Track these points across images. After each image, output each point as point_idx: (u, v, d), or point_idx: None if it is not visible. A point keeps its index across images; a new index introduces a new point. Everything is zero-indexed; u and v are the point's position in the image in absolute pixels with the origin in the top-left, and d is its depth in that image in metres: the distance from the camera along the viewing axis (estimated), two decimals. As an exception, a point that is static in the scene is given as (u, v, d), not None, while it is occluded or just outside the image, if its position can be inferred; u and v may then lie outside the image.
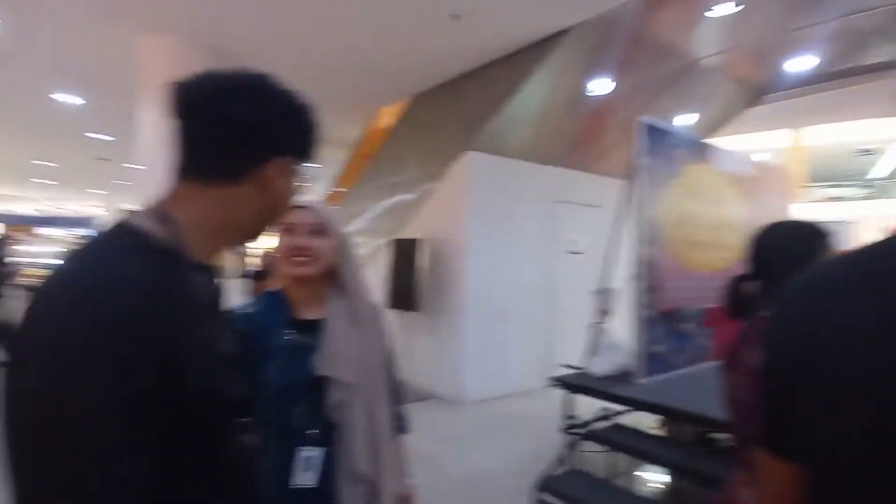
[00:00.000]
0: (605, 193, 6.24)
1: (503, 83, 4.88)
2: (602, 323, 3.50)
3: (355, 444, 1.10)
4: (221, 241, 0.75)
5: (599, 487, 2.81)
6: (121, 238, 0.65)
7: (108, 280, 0.58)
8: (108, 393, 0.54)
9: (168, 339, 0.59)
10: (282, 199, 0.78)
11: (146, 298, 0.58)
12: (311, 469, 1.08)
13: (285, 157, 0.75)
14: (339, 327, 1.17)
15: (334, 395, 1.11)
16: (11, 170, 12.39)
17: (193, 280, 0.67)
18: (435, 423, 4.58)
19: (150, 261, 0.62)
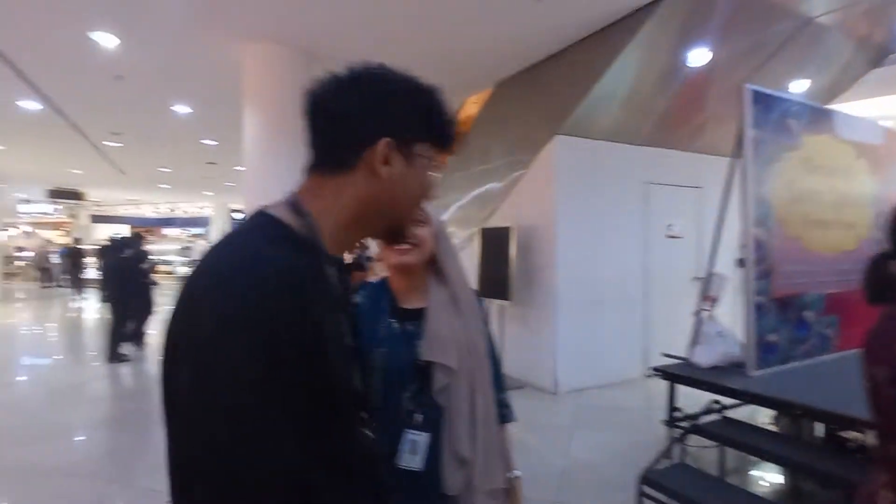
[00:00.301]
0: (704, 173, 5.85)
1: (591, 63, 4.69)
2: (707, 311, 3.28)
3: (458, 428, 1.12)
4: (349, 233, 0.75)
5: (710, 484, 2.65)
6: (262, 227, 0.68)
7: (253, 261, 0.60)
8: (260, 369, 0.55)
9: (309, 324, 0.60)
10: (400, 184, 0.74)
11: (289, 281, 0.60)
12: (417, 452, 1.11)
13: (391, 138, 0.73)
14: (441, 314, 1.19)
15: (439, 379, 1.13)
16: (141, 176, 13.82)
17: (328, 271, 0.69)
18: (529, 413, 4.55)
19: (290, 248, 0.65)
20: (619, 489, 3.00)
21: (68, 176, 13.74)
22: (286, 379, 0.57)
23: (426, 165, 0.77)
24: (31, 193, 17.44)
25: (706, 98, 5.31)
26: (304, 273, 0.63)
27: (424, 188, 0.78)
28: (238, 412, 0.54)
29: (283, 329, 0.57)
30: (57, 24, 4.61)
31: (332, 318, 0.66)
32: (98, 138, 9.04)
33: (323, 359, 0.63)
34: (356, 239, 0.79)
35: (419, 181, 0.77)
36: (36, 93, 6.43)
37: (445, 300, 1.22)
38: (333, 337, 0.66)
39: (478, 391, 1.17)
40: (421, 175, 0.77)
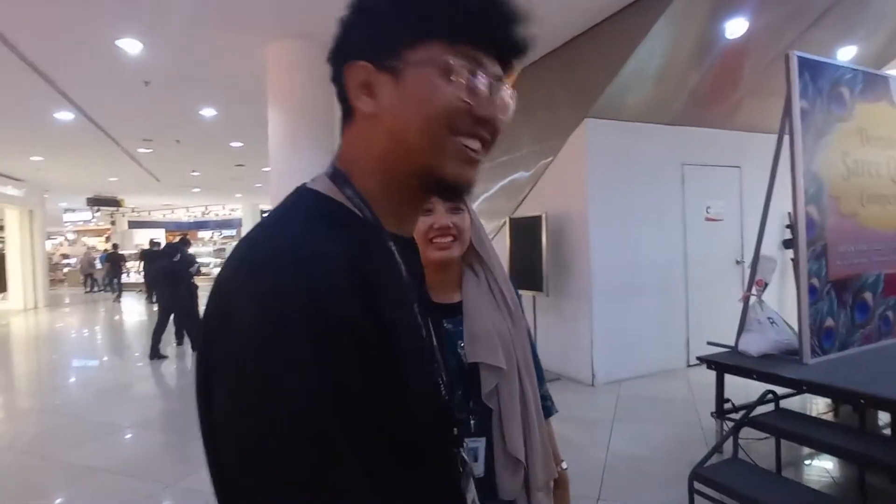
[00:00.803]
0: (742, 151, 5.59)
1: (620, 40, 4.49)
2: (756, 296, 3.10)
3: (511, 430, 1.05)
4: (393, 201, 0.60)
5: (766, 480, 2.49)
6: (302, 205, 0.57)
7: (292, 247, 0.49)
8: (311, 380, 0.44)
9: (373, 320, 0.48)
10: (401, 113, 0.55)
11: (341, 267, 0.48)
12: (477, 459, 1.04)
13: (367, 61, 0.56)
14: (482, 309, 1.10)
15: (488, 381, 1.05)
16: (174, 181, 14.15)
17: (391, 250, 0.58)
18: (566, 405, 4.40)
19: (338, 226, 0.53)
20: (667, 485, 2.87)
21: (106, 184, 14.15)
22: (348, 391, 0.45)
23: (437, 69, 0.54)
24: (73, 202, 18.06)
25: (744, 72, 5.04)
26: (360, 256, 0.51)
27: (442, 102, 0.54)
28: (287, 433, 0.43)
29: (336, 328, 0.46)
30: (85, 34, 4.67)
31: (404, 312, 0.56)
32: (131, 145, 9.25)
33: (397, 365, 0.51)
34: (407, 206, 0.62)
35: (427, 96, 0.54)
36: (69, 103, 6.58)
37: (484, 292, 1.13)
38: (409, 336, 0.55)
39: (527, 389, 1.10)
40: (427, 86, 0.54)
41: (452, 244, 1.08)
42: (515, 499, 1.06)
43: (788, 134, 2.81)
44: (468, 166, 0.58)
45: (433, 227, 1.07)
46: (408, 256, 0.62)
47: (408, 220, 0.65)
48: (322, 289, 0.46)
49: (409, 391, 0.53)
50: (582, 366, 4.95)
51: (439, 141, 0.55)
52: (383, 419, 0.48)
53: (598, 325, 4.87)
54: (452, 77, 0.54)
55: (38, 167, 10.96)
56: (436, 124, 0.55)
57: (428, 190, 0.60)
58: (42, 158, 10.18)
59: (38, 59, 5.17)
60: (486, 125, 0.58)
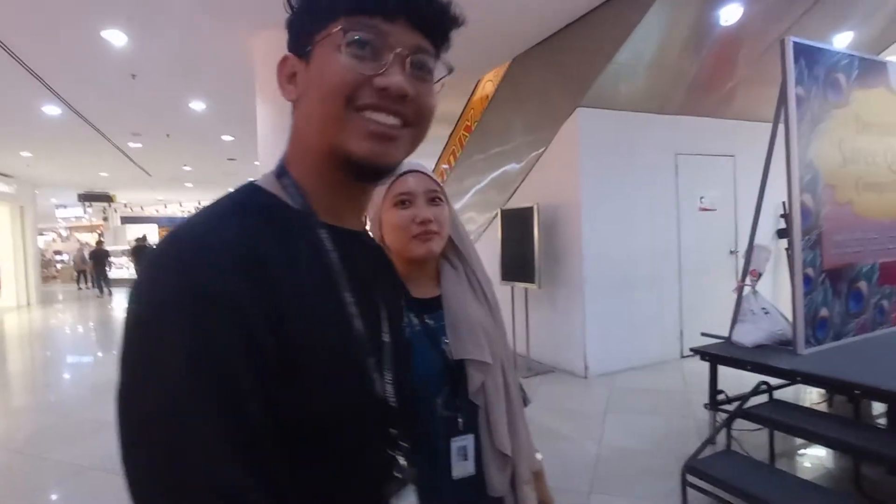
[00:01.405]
0: (736, 140, 5.55)
1: (612, 28, 4.42)
2: (750, 286, 3.06)
3: (498, 425, 1.02)
4: (326, 191, 0.59)
5: (760, 472, 2.46)
6: (233, 197, 0.56)
7: (191, 238, 0.49)
8: (188, 376, 0.42)
9: (261, 307, 0.47)
10: (305, 94, 0.57)
11: (226, 254, 0.47)
12: (468, 457, 1.01)
13: (292, 53, 0.60)
14: (463, 304, 1.06)
15: (475, 378, 1.02)
16: (165, 176, 14.03)
17: (317, 239, 0.56)
18: (560, 398, 4.40)
19: (253, 217, 0.52)
20: (660, 477, 2.85)
21: (97, 179, 14.02)
22: (231, 396, 0.43)
23: (333, 44, 0.54)
24: (65, 198, 17.90)
25: (738, 59, 4.98)
26: (262, 242, 0.50)
27: (335, 75, 0.53)
28: (161, 424, 0.42)
29: (215, 313, 0.44)
30: (69, 25, 4.57)
31: (321, 301, 0.53)
32: (120, 140, 9.14)
33: (301, 353, 0.49)
34: (341, 195, 0.61)
35: (322, 71, 0.55)
36: (56, 97, 6.47)
37: (463, 286, 1.09)
38: (325, 326, 0.53)
39: (509, 383, 1.07)
40: (323, 62, 0.55)
41: (434, 237, 1.03)
42: (503, 497, 1.03)
43: (784, 122, 2.76)
44: (378, 142, 0.55)
45: (414, 220, 1.02)
46: (353, 250, 0.60)
47: (349, 212, 0.63)
48: (200, 272, 0.45)
49: (315, 383, 0.50)
50: (575, 358, 4.92)
51: (339, 116, 0.54)
52: (276, 409, 0.46)
53: (590, 317, 4.84)
54: (344, 49, 0.53)
55: (28, 163, 10.83)
56: (332, 99, 0.54)
57: (344, 171, 0.57)
58: (31, 154, 10.06)
59: (22, 51, 5.07)
60: (394, 98, 0.54)
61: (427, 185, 1.05)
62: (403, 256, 1.05)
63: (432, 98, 0.60)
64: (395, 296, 0.73)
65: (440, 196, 1.06)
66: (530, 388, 4.57)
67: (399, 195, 1.03)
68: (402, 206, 1.03)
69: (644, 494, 2.75)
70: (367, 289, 0.61)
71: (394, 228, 1.03)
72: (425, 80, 0.58)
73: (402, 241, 1.03)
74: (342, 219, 0.61)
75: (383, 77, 0.54)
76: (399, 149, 0.57)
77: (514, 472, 1.03)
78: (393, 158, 0.57)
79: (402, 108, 0.56)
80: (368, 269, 0.64)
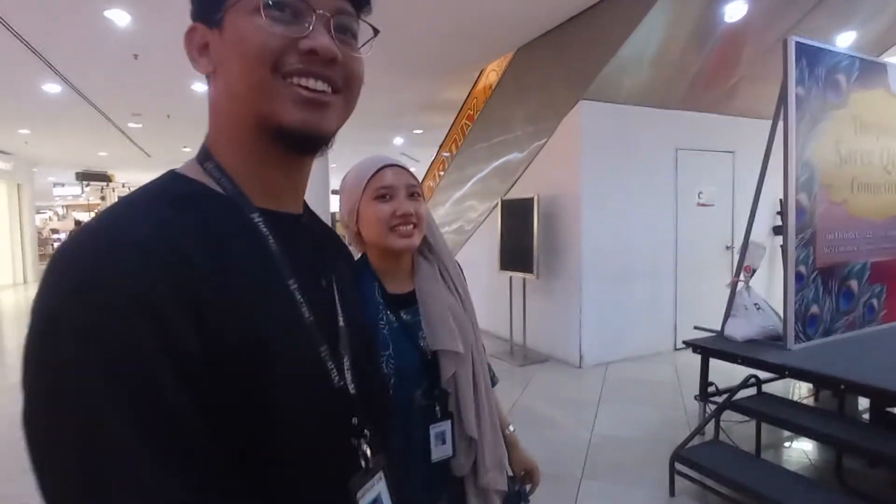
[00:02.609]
0: (736, 136, 5.58)
1: (617, 22, 4.43)
2: (743, 281, 3.12)
3: (466, 410, 1.07)
4: (253, 169, 0.54)
5: (746, 462, 2.54)
6: (148, 188, 0.51)
7: (94, 233, 0.44)
8: (95, 391, 0.38)
9: (184, 307, 0.42)
10: (223, 64, 0.52)
11: (131, 258, 0.42)
12: (446, 441, 1.06)
13: (200, 22, 0.54)
14: (437, 297, 1.10)
15: (448, 368, 1.06)
16: (165, 158, 13.95)
17: (250, 225, 0.51)
18: (554, 386, 4.48)
19: (166, 207, 0.47)
20: (650, 465, 2.92)
21: (96, 158, 13.95)
22: (146, 399, 0.39)
23: (249, 7, 0.50)
24: (63, 177, 17.82)
25: (742, 56, 5.00)
26: (180, 234, 0.45)
27: (255, 39, 0.49)
28: (69, 442, 0.38)
29: (130, 323, 0.39)
30: (73, 4, 4.55)
31: (262, 291, 0.49)
32: (120, 120, 9.10)
33: (240, 347, 0.45)
34: (273, 171, 0.55)
35: (241, 37, 0.50)
36: (56, 76, 6.44)
37: (435, 277, 1.13)
38: (269, 317, 0.48)
39: (478, 370, 1.11)
40: (241, 27, 0.50)
41: (414, 231, 1.06)
42: (465, 476, 1.09)
43: (783, 120, 2.80)
44: (310, 109, 0.51)
45: (395, 214, 1.04)
46: (294, 233, 0.57)
47: (286, 192, 0.57)
48: (101, 273, 0.41)
49: (262, 380, 0.46)
50: (570, 348, 5.00)
51: (264, 82, 0.50)
52: (218, 412, 0.43)
53: (587, 308, 4.90)
54: (263, 12, 0.49)
55: (26, 140, 10.77)
56: (254, 65, 0.50)
57: (276, 145, 0.53)
58: (30, 132, 10.00)
59: (23, 28, 5.04)
60: (322, 61, 0.51)
61: (407, 179, 1.07)
62: (381, 250, 1.07)
63: (360, 64, 0.55)
64: (348, 276, 0.68)
65: (418, 191, 1.08)
66: (525, 377, 4.66)
67: (379, 188, 1.05)
68: (382, 200, 1.05)
69: (634, 481, 2.83)
70: (315, 274, 0.58)
71: (374, 221, 1.05)
72: (350, 44, 0.54)
73: (382, 235, 1.04)
74: (279, 201, 0.56)
75: (309, 39, 0.50)
76: (332, 116, 0.53)
77: (477, 455, 1.08)
78: (328, 126, 0.53)
79: (331, 73, 0.52)
80: (314, 252, 0.59)
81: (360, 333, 0.62)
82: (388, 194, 1.05)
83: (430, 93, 7.41)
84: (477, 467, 1.08)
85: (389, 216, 1.04)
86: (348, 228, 1.11)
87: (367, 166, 1.08)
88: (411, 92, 7.27)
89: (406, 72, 6.28)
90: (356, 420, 0.55)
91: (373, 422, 0.58)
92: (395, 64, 5.90)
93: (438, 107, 7.95)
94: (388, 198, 1.05)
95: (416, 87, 7.08)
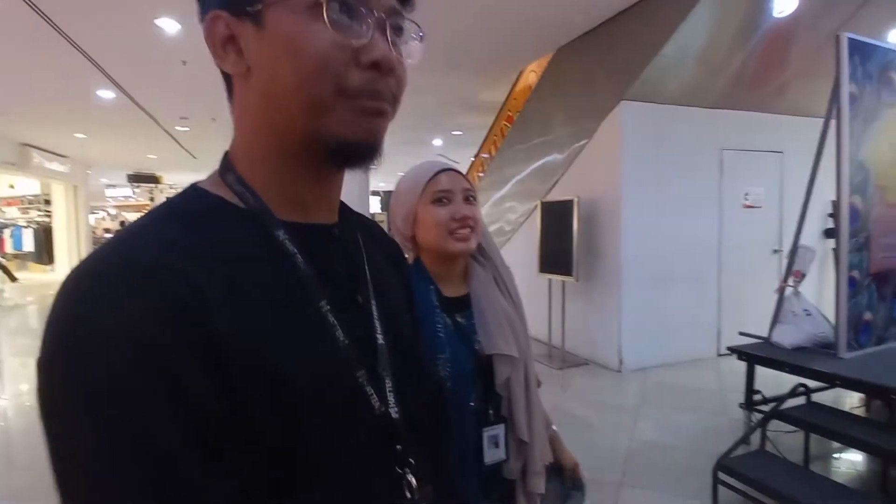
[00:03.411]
0: (785, 136, 5.39)
1: (661, 19, 4.35)
2: (792, 287, 3.02)
3: (518, 413, 1.08)
4: (284, 182, 0.50)
5: (793, 473, 2.46)
6: (169, 203, 0.48)
7: (89, 266, 0.40)
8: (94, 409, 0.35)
9: (186, 352, 0.38)
10: (270, 69, 0.46)
11: (131, 289, 0.38)
12: (499, 445, 1.08)
13: (223, 9, 0.48)
14: (492, 301, 1.12)
15: (502, 372, 1.08)
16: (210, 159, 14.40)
17: (275, 243, 0.47)
18: (593, 390, 4.43)
19: (172, 232, 0.43)
20: (691, 474, 2.86)
21: (145, 161, 14.55)
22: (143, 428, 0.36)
23: (302, 6, 0.44)
24: (114, 178, 18.64)
25: (791, 53, 4.82)
26: (191, 265, 0.40)
27: (316, 49, 0.44)
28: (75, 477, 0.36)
29: (125, 362, 0.36)
30: (125, 14, 4.78)
31: (283, 314, 0.45)
32: (169, 124, 9.47)
33: (262, 391, 0.41)
34: (306, 185, 0.51)
35: (295, 43, 0.44)
36: (110, 82, 6.76)
37: (491, 283, 1.14)
38: (294, 341, 0.44)
39: (529, 374, 1.13)
40: (293, 30, 0.44)
41: (471, 235, 1.07)
42: (515, 479, 1.10)
43: (835, 119, 2.70)
44: (370, 123, 0.47)
45: (453, 217, 1.05)
46: (326, 246, 0.52)
47: (319, 204, 0.53)
48: (96, 306, 0.37)
49: (291, 417, 0.42)
50: (609, 352, 4.93)
51: (325, 99, 0.45)
52: (243, 453, 0.40)
53: (627, 312, 4.83)
54: (323, 14, 0.43)
55: (82, 144, 11.33)
56: (315, 79, 0.44)
57: (328, 157, 0.48)
58: (85, 136, 10.52)
59: (80, 38, 5.32)
60: (382, 73, 0.46)
61: (463, 183, 1.09)
62: (437, 254, 1.09)
63: (406, 70, 0.50)
64: (393, 282, 0.62)
65: (474, 195, 1.10)
66: (564, 380, 4.63)
67: (437, 192, 1.06)
68: (439, 204, 1.06)
69: (675, 490, 2.78)
70: (350, 290, 0.53)
71: (431, 225, 1.06)
72: (400, 48, 0.50)
73: (440, 238, 1.05)
74: (309, 213, 0.51)
75: (371, 49, 0.45)
76: (384, 126, 0.49)
77: (527, 459, 1.09)
78: (382, 136, 0.49)
79: (388, 84, 0.48)
80: (348, 265, 0.55)
81: (405, 347, 0.57)
82: (445, 198, 1.06)
83: (470, 94, 7.43)
84: (526, 470, 1.10)
85: (448, 220, 1.05)
86: (401, 233, 1.13)
87: (424, 171, 1.09)
88: (450, 93, 7.30)
89: (445, 73, 6.32)
90: (400, 448, 0.50)
91: (420, 447, 0.53)
92: (435, 65, 5.94)
93: (477, 108, 7.96)
94: (446, 201, 1.06)
95: (456, 89, 7.11)
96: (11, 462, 3.39)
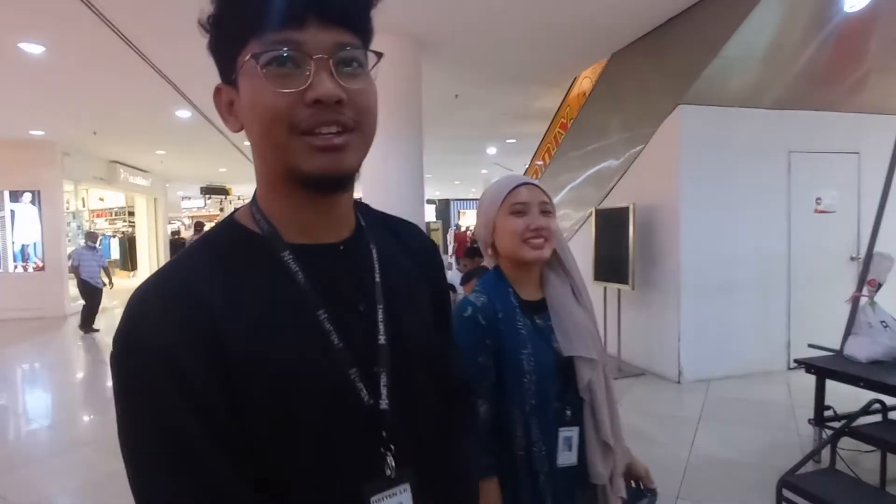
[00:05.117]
0: (861, 136, 5.07)
1: (720, 19, 4.21)
2: (867, 296, 2.85)
3: (602, 417, 1.12)
4: (289, 211, 0.60)
5: (865, 494, 2.32)
6: (206, 236, 0.61)
7: (139, 291, 0.54)
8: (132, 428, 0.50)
9: (199, 360, 0.50)
10: (245, 120, 0.57)
11: (159, 312, 0.51)
12: (572, 448, 1.12)
13: (223, 83, 0.59)
14: (569, 307, 1.17)
15: (584, 374, 1.12)
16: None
17: (278, 263, 0.57)
18: (650, 401, 4.32)
19: (204, 256, 0.57)
20: (753, 489, 2.76)
21: (216, 174, 15.47)
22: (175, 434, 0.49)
23: (250, 69, 0.53)
24: (189, 191, 19.91)
25: (866, 48, 4.54)
26: (208, 289, 0.53)
27: (264, 102, 0.53)
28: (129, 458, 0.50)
29: (154, 371, 0.49)
30: (203, 42, 5.14)
31: (282, 325, 0.55)
32: (238, 139, 10.04)
33: (261, 375, 0.52)
34: (305, 210, 0.60)
35: (251, 100, 0.55)
36: (187, 103, 7.28)
37: (567, 291, 1.20)
38: (290, 347, 0.55)
39: (609, 379, 1.17)
40: (248, 90, 0.55)
41: (545, 244, 1.14)
42: (605, 484, 1.12)
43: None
44: (328, 155, 0.54)
45: (528, 227, 1.13)
46: (330, 263, 0.60)
47: (323, 226, 0.61)
48: (136, 326, 0.51)
49: (283, 401, 0.53)
50: (668, 362, 4.78)
51: (282, 141, 0.54)
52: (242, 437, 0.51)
53: (686, 321, 4.68)
54: (263, 74, 0.52)
55: (161, 160, 12.21)
56: (270, 127, 0.54)
57: (305, 189, 0.57)
58: (164, 152, 11.33)
59: (163, 64, 5.78)
60: (329, 106, 0.53)
61: (540, 196, 1.17)
62: (514, 260, 1.17)
63: (369, 92, 0.57)
64: (415, 288, 0.69)
65: (550, 208, 1.17)
66: (620, 390, 4.53)
67: (515, 204, 1.15)
68: (517, 215, 1.15)
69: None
70: (352, 300, 0.61)
71: (508, 234, 1.15)
72: (356, 74, 0.55)
73: (516, 246, 1.15)
74: (315, 235, 0.60)
75: (312, 90, 0.52)
76: (349, 155, 0.55)
77: (614, 463, 1.13)
78: (348, 166, 0.56)
79: (339, 116, 0.54)
80: (353, 278, 0.62)
81: (413, 347, 0.63)
82: (522, 210, 1.15)
83: (523, 102, 7.44)
84: (613, 475, 1.13)
85: (523, 229, 1.14)
86: (483, 240, 1.22)
87: (505, 184, 1.19)
88: (504, 101, 7.35)
89: (499, 81, 6.36)
90: (385, 433, 0.58)
91: (408, 434, 0.60)
92: (488, 74, 6.01)
93: (531, 116, 7.97)
94: (523, 213, 1.15)
95: (509, 97, 7.15)
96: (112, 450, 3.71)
